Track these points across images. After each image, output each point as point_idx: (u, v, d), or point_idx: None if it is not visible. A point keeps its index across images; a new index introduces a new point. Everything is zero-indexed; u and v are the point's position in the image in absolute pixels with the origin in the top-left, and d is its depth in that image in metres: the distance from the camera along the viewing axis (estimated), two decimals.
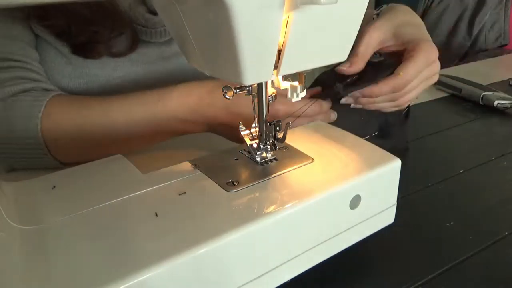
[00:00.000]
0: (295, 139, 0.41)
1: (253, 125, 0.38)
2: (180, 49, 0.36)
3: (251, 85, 0.35)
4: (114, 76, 0.60)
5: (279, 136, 0.37)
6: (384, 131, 0.56)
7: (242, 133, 0.39)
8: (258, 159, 0.37)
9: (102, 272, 0.26)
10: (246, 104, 0.46)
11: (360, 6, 0.32)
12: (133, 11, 0.58)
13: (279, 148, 0.39)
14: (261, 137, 0.37)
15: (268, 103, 0.36)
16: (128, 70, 0.60)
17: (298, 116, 0.48)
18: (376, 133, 0.54)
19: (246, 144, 0.38)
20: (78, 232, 0.29)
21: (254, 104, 0.37)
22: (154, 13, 0.59)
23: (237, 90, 0.35)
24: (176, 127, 0.51)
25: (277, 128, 0.37)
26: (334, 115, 0.54)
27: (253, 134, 0.38)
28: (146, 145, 0.53)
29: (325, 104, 0.53)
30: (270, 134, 0.37)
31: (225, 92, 0.35)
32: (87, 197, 0.33)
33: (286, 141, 0.38)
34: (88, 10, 0.55)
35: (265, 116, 0.37)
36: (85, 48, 0.57)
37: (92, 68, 0.58)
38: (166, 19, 0.35)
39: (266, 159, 0.38)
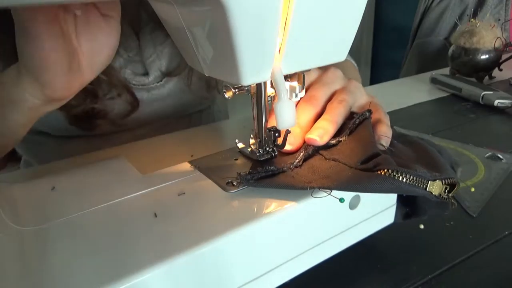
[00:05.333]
0: None
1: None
2: (179, 50, 0.36)
3: (250, 85, 0.35)
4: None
5: (278, 143, 0.37)
6: None
7: (239, 145, 0.39)
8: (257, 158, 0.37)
9: (101, 273, 0.26)
10: None
11: (359, 5, 0.32)
12: (124, 73, 0.59)
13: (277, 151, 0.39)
14: (260, 143, 0.37)
15: (267, 103, 0.36)
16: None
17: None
18: None
19: None
20: (78, 233, 0.29)
21: (252, 104, 0.37)
22: (144, 73, 0.61)
23: (236, 90, 0.35)
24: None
25: (276, 134, 0.37)
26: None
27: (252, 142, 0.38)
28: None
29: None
30: (270, 140, 0.37)
31: (225, 92, 0.35)
32: (87, 198, 0.33)
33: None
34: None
35: (265, 122, 0.36)
36: (82, 120, 0.58)
37: None
38: (165, 21, 0.35)
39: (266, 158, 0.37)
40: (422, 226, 0.44)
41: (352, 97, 0.41)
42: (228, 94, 0.35)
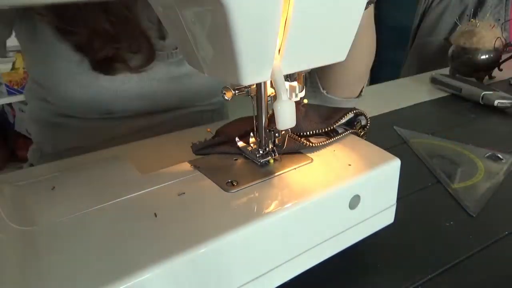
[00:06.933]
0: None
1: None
2: (179, 50, 0.36)
3: (249, 86, 0.35)
4: (122, 89, 0.60)
5: (278, 143, 0.37)
6: None
7: (239, 143, 0.39)
8: (257, 162, 0.37)
9: (101, 273, 0.26)
10: None
11: (359, 5, 0.32)
12: (148, 32, 0.59)
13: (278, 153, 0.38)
14: (260, 144, 0.37)
15: (267, 103, 0.36)
16: (135, 85, 0.61)
17: None
18: None
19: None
20: (78, 233, 0.29)
21: (253, 105, 0.37)
22: (163, 38, 0.61)
23: (236, 91, 0.34)
24: None
25: (276, 134, 0.37)
26: None
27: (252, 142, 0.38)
28: None
29: None
30: (270, 141, 0.37)
31: (224, 93, 0.35)
32: (87, 198, 0.33)
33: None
34: (111, 26, 0.55)
35: (265, 121, 0.36)
36: (104, 64, 0.58)
37: (103, 80, 0.59)
38: (166, 21, 0.35)
39: (266, 159, 0.37)
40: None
41: None
42: (227, 95, 0.34)
